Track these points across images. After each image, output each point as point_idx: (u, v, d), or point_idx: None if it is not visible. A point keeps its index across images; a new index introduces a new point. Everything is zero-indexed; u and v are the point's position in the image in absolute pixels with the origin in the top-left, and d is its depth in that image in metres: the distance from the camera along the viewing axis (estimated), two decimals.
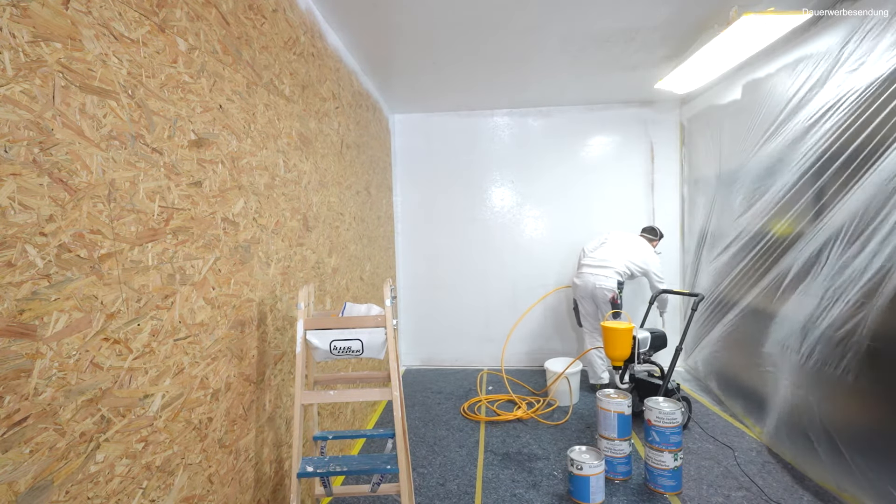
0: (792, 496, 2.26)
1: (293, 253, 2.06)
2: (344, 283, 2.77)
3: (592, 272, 3.52)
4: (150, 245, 1.16)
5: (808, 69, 2.48)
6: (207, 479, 1.39)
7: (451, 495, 2.36)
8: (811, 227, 2.43)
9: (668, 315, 4.28)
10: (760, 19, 2.25)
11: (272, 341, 1.84)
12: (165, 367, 1.21)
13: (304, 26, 2.21)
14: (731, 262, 3.22)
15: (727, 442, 2.80)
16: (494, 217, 4.50)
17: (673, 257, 4.34)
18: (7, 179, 0.81)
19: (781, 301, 2.63)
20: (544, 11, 2.46)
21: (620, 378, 3.26)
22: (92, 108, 0.99)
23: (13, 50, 0.83)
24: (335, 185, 2.67)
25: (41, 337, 0.87)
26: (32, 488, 0.85)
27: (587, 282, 3.53)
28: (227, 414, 1.50)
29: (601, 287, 3.45)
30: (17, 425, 0.83)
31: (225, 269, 1.50)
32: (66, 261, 0.92)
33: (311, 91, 2.31)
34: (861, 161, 2.09)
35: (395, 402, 1.68)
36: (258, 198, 1.74)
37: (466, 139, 4.46)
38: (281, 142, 1.95)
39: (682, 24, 2.63)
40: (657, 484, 2.33)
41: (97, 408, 0.99)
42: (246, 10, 1.67)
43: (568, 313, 4.43)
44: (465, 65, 3.22)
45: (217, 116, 1.48)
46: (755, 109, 2.97)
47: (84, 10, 0.98)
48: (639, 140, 4.31)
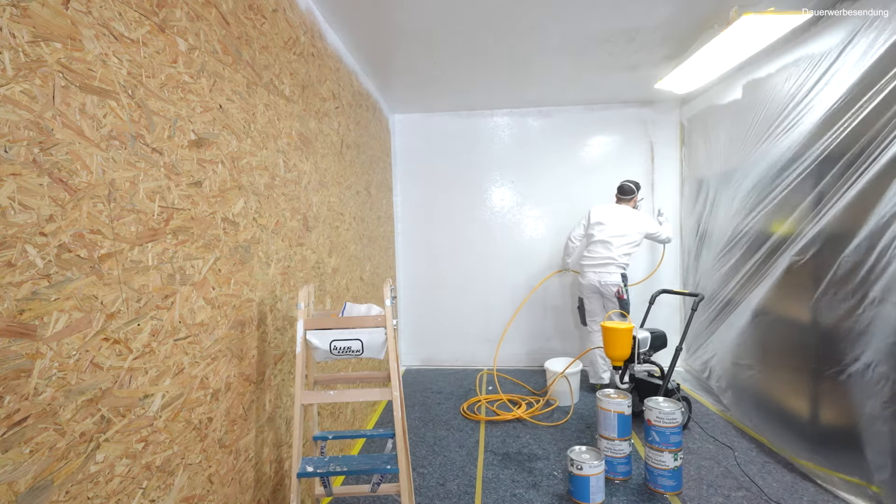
0: (792, 496, 2.26)
1: (293, 253, 2.06)
2: (344, 283, 2.77)
3: (595, 270, 3.56)
4: (150, 245, 1.16)
5: (808, 68, 2.47)
6: (207, 479, 1.39)
7: (451, 495, 2.36)
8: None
9: (667, 315, 4.30)
10: (760, 19, 2.25)
11: (272, 341, 1.84)
12: (165, 367, 1.21)
13: (304, 26, 2.21)
14: (740, 262, 3.09)
15: (727, 442, 2.80)
16: (494, 217, 4.50)
17: (673, 257, 4.34)
18: (7, 179, 0.81)
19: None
20: (544, 12, 2.46)
21: (620, 378, 3.26)
22: (92, 108, 0.99)
23: (13, 50, 0.83)
24: (335, 185, 2.67)
25: (41, 337, 0.87)
26: (32, 488, 0.85)
27: (591, 280, 3.57)
28: (227, 414, 1.50)
29: (606, 283, 3.51)
30: (17, 425, 0.83)
31: (225, 269, 1.50)
32: (66, 261, 0.92)
33: (311, 91, 2.31)
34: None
35: (395, 402, 1.68)
36: (258, 198, 1.74)
37: (466, 139, 4.46)
38: (281, 142, 1.95)
39: (683, 24, 2.63)
40: (657, 484, 2.33)
41: (97, 408, 0.99)
42: (246, 10, 1.67)
43: (568, 313, 4.43)
44: (465, 65, 3.22)
45: (217, 116, 1.48)
46: (756, 109, 2.97)
47: (84, 10, 0.98)
48: (639, 140, 4.31)
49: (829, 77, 2.32)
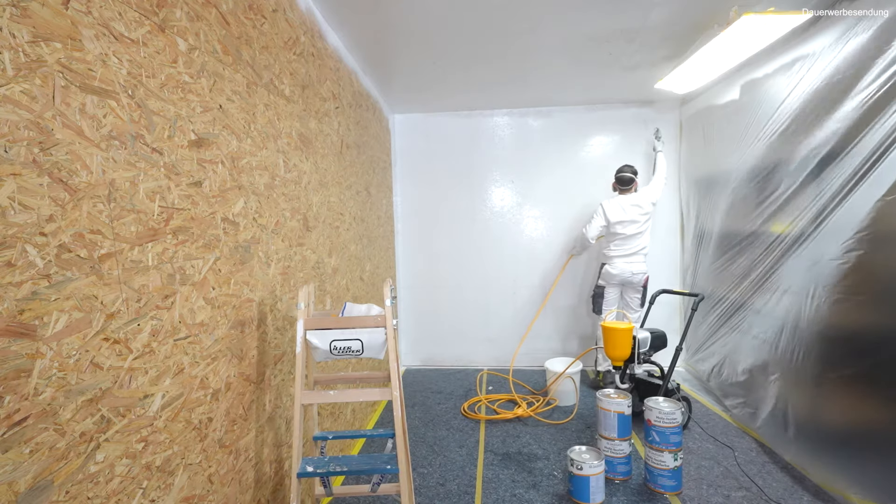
0: (792, 496, 2.26)
1: (293, 253, 2.06)
2: (344, 283, 2.77)
3: (627, 261, 3.73)
4: (150, 245, 1.16)
5: (805, 68, 2.47)
6: (207, 479, 1.39)
7: (451, 495, 2.36)
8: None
9: (667, 315, 4.29)
10: (760, 19, 2.25)
11: (272, 341, 1.84)
12: (165, 367, 1.21)
13: (304, 26, 2.21)
14: (748, 263, 2.99)
15: (727, 442, 2.80)
16: (494, 217, 4.50)
17: (673, 257, 4.34)
18: (7, 179, 0.81)
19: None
20: (544, 12, 2.46)
21: (621, 378, 3.26)
22: (92, 108, 0.99)
23: (13, 50, 0.83)
24: (335, 185, 2.67)
25: (41, 337, 0.87)
26: (32, 488, 0.85)
27: (623, 270, 3.72)
28: (227, 414, 1.50)
29: (636, 272, 3.71)
30: (17, 425, 0.83)
31: (225, 269, 1.50)
32: (65, 261, 0.92)
33: (311, 91, 2.31)
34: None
35: (395, 402, 1.68)
36: (258, 198, 1.74)
37: (466, 139, 4.46)
38: (281, 142, 1.95)
39: (682, 25, 2.63)
40: (657, 484, 2.33)
41: (97, 408, 0.99)
42: (246, 10, 1.67)
43: (568, 313, 4.43)
44: (465, 65, 3.22)
45: (217, 116, 1.48)
46: (753, 109, 2.97)
47: (84, 10, 0.98)
48: (639, 140, 4.31)
49: (827, 75, 2.32)
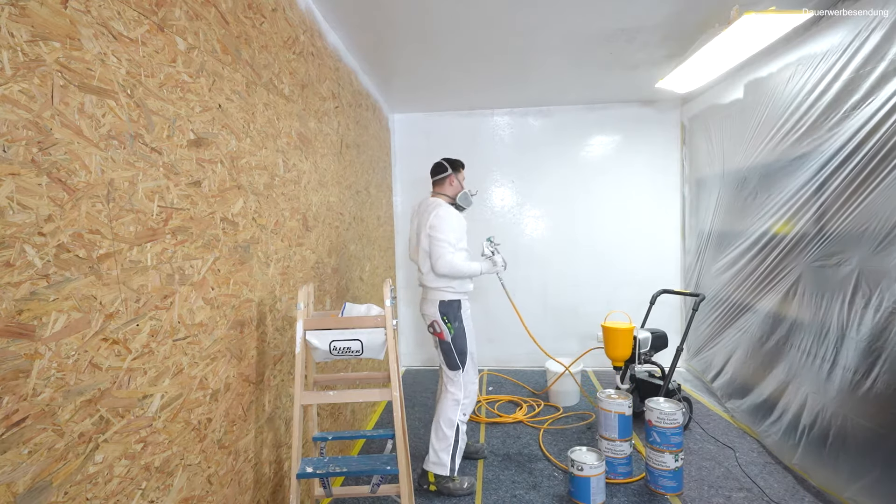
0: (793, 497, 2.25)
1: (293, 253, 2.05)
2: (344, 283, 2.76)
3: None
4: (149, 245, 1.16)
5: (811, 67, 2.46)
6: (206, 480, 1.38)
7: (451, 496, 2.35)
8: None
9: (667, 315, 4.28)
10: (761, 18, 2.24)
11: (272, 341, 1.83)
12: (164, 368, 1.21)
13: (303, 25, 2.21)
14: (756, 265, 2.93)
15: (728, 442, 2.79)
16: (495, 217, 4.50)
17: (674, 258, 4.33)
18: (6, 179, 0.81)
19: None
20: (545, 11, 2.45)
21: (621, 378, 3.26)
22: (91, 107, 0.99)
23: (12, 49, 0.83)
24: (335, 185, 2.66)
25: (40, 337, 0.87)
26: (31, 489, 0.85)
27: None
28: (226, 414, 1.50)
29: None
30: (16, 426, 0.82)
31: (224, 269, 1.50)
32: (64, 261, 0.92)
33: (311, 90, 2.30)
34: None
35: (394, 402, 1.68)
36: (257, 198, 1.74)
37: (466, 139, 4.45)
38: (280, 141, 1.95)
39: (683, 24, 2.63)
40: (658, 485, 2.33)
41: (96, 408, 0.99)
42: (245, 9, 1.67)
43: (568, 312, 4.42)
44: (465, 64, 3.21)
45: (216, 116, 1.47)
46: (758, 108, 2.96)
47: (83, 9, 0.97)
48: (639, 140, 4.30)
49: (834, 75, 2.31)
